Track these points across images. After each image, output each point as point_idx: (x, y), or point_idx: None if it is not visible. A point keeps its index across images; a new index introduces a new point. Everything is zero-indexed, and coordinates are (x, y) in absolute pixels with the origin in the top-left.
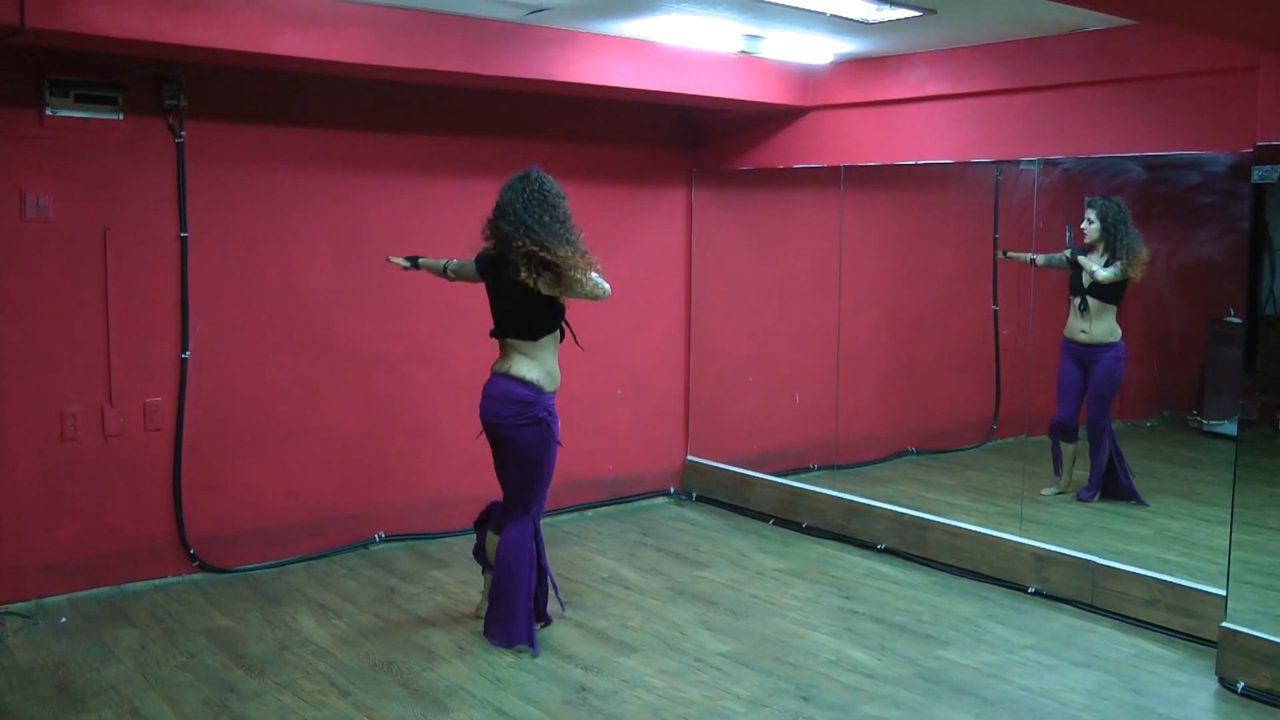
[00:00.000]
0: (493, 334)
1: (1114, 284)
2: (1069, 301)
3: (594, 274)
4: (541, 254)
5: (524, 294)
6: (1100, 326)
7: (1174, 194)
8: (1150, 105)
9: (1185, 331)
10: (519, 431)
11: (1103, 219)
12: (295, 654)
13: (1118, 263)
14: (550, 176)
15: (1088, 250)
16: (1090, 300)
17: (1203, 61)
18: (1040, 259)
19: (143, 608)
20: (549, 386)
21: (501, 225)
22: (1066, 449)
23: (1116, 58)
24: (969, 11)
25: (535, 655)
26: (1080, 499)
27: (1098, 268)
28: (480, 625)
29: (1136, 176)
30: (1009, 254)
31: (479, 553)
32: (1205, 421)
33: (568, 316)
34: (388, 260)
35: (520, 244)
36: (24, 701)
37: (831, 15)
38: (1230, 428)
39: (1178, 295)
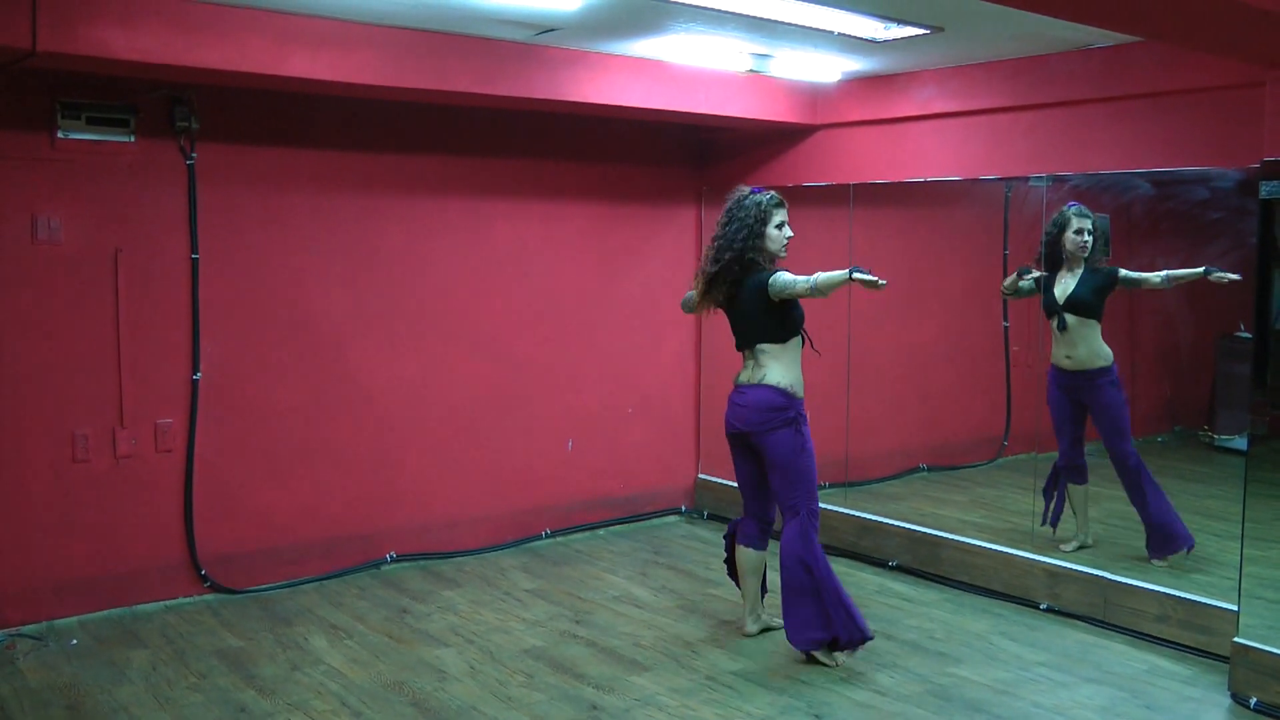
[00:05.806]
0: (739, 347)
1: (1095, 297)
2: (1049, 324)
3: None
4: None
5: (764, 300)
6: (1085, 349)
7: (1182, 210)
8: (1157, 121)
9: (1196, 347)
10: (772, 436)
11: (1095, 234)
12: (307, 674)
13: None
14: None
15: (1058, 266)
16: (1068, 317)
17: (1209, 78)
18: (1008, 283)
19: (154, 629)
20: (800, 392)
21: (723, 245)
22: (1076, 491)
23: (1123, 75)
24: (976, 29)
25: (870, 638)
26: (1155, 561)
27: (1157, 277)
28: (746, 640)
29: (1144, 192)
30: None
31: (728, 564)
32: (1216, 436)
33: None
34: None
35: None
36: None
37: (839, 34)
38: (1241, 443)
39: (1188, 310)
